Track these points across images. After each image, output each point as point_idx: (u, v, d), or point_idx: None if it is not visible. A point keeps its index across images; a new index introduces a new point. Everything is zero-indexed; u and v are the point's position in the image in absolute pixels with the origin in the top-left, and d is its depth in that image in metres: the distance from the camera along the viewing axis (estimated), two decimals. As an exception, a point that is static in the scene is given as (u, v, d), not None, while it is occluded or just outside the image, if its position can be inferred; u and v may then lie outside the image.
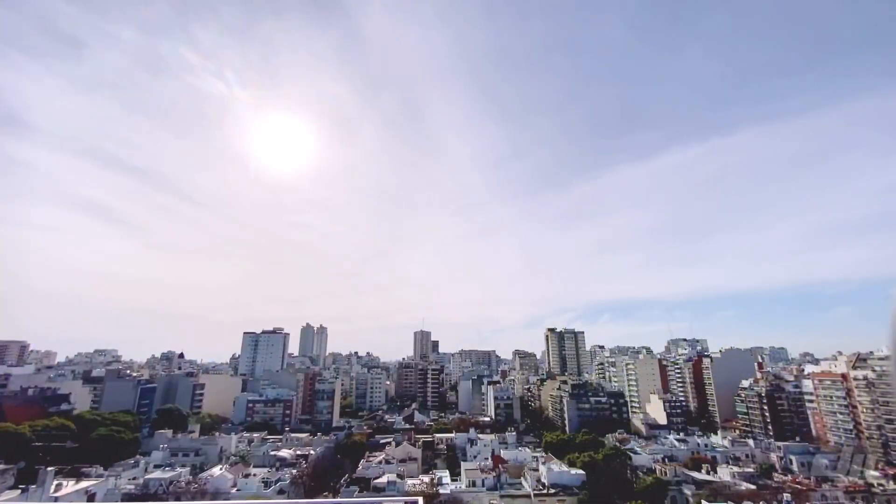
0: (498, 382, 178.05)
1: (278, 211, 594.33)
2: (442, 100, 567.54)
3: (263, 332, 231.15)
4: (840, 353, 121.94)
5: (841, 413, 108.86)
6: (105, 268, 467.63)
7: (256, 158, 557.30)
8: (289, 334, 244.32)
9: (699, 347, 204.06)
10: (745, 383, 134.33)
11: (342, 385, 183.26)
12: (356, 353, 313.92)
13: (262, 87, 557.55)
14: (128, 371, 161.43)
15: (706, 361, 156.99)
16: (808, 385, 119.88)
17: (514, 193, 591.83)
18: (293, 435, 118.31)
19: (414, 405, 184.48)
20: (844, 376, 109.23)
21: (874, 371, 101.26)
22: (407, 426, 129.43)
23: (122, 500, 63.26)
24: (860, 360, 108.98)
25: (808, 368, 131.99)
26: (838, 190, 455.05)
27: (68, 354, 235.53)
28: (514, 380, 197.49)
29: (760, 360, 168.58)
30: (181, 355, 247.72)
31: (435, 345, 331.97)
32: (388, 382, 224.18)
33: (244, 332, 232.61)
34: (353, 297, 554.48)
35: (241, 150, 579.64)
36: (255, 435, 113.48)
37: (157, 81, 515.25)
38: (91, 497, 58.53)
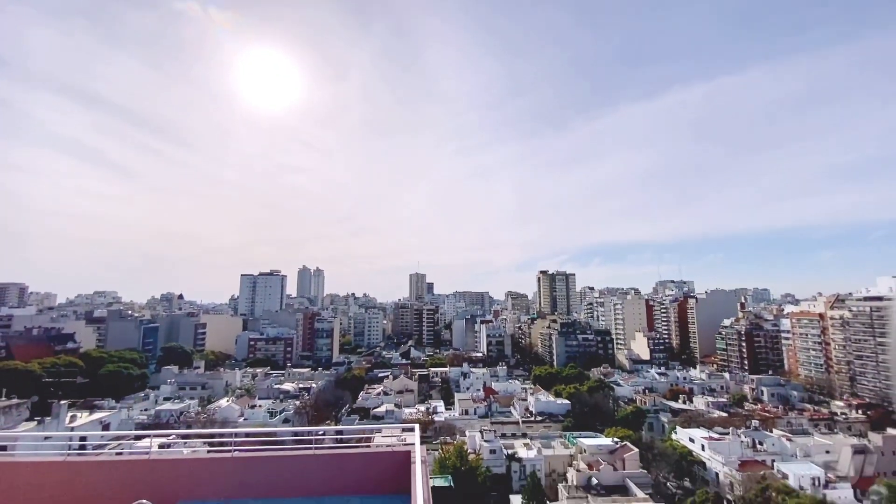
0: (490, 321, 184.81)
1: (269, 151, 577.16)
2: (438, 30, 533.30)
3: (261, 274, 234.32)
4: (820, 294, 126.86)
5: (814, 350, 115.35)
6: (95, 211, 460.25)
7: (241, 95, 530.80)
8: (286, 276, 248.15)
9: (686, 289, 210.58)
10: (727, 322, 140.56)
11: (340, 324, 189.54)
12: (353, 294, 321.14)
13: (242, 9, 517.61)
14: (129, 312, 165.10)
15: (691, 302, 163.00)
16: (786, 324, 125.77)
17: (511, 135, 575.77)
18: (295, 370, 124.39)
19: (410, 342, 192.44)
20: (821, 316, 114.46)
21: (850, 311, 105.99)
22: (403, 361, 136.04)
23: (136, 429, 67.72)
24: (838, 301, 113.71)
25: (788, 308, 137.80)
26: (836, 134, 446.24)
27: (68, 296, 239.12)
28: (506, 319, 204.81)
29: (743, 301, 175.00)
30: (181, 296, 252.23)
31: (430, 286, 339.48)
32: (384, 322, 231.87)
33: (242, 275, 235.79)
34: (348, 240, 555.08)
35: (226, 86, 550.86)
36: (258, 370, 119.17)
37: (132, 7, 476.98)
38: (106, 427, 62.38)
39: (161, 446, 13.56)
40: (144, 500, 6.30)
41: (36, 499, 7.26)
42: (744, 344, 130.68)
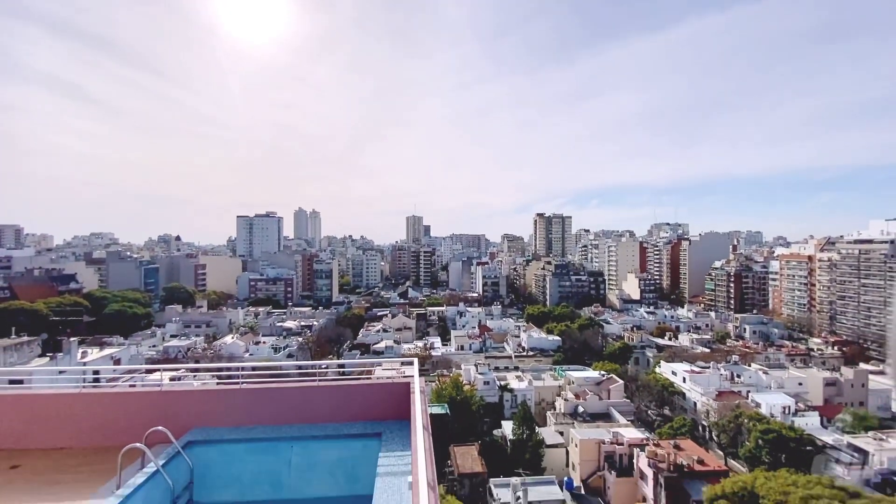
0: (486, 263, 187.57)
1: (259, 86, 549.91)
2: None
3: (257, 216, 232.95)
4: (811, 236, 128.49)
5: (799, 290, 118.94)
6: (87, 151, 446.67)
7: (230, 27, 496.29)
8: (282, 218, 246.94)
9: (680, 231, 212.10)
10: (718, 264, 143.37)
11: (339, 265, 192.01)
12: (350, 236, 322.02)
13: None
14: (128, 253, 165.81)
15: (684, 244, 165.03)
16: (775, 266, 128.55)
17: (513, 69, 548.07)
18: (296, 309, 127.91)
19: (408, 283, 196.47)
20: (810, 258, 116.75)
21: (839, 254, 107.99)
22: (402, 301, 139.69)
23: (146, 363, 70.78)
24: (829, 244, 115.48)
25: (779, 251, 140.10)
26: (851, 70, 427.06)
27: (65, 237, 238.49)
28: (501, 261, 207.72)
29: (735, 244, 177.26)
30: (178, 238, 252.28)
31: (427, 229, 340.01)
32: (382, 264, 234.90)
33: (238, 216, 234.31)
34: (344, 181, 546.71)
35: (213, 18, 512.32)
36: (260, 309, 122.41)
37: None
38: (117, 362, 65.09)
39: (172, 379, 14.32)
40: (160, 427, 6.75)
41: (54, 428, 7.79)
42: (732, 285, 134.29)
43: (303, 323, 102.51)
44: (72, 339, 60.24)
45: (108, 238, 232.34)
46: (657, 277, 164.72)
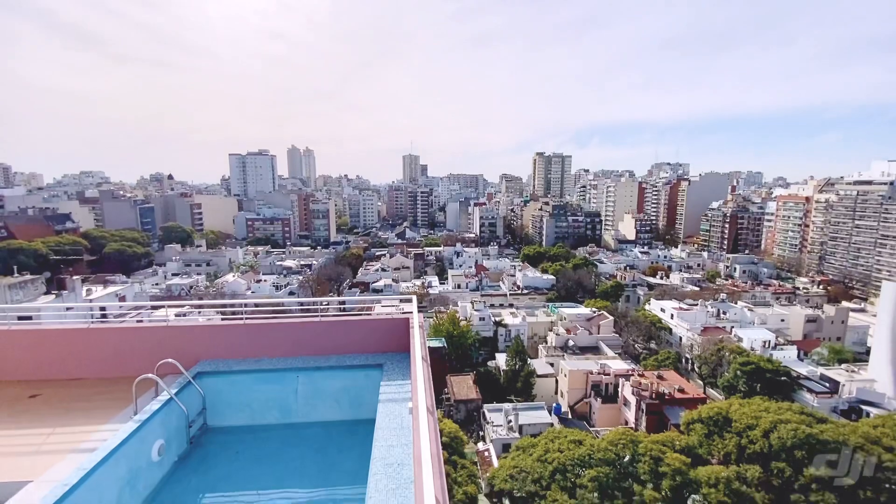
0: (484, 204, 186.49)
1: (246, 13, 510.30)
2: None
3: (249, 154, 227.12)
4: (812, 177, 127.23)
5: (793, 231, 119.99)
6: (70, 86, 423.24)
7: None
8: (275, 156, 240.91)
9: (681, 171, 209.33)
10: (715, 204, 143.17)
11: (335, 206, 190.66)
12: (346, 176, 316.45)
13: None
14: (121, 192, 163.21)
15: (683, 184, 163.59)
16: (771, 206, 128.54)
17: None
18: (295, 248, 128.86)
19: (405, 224, 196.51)
20: (808, 199, 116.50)
21: (837, 195, 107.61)
22: (399, 241, 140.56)
23: (151, 301, 72.38)
24: (828, 185, 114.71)
25: (777, 192, 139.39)
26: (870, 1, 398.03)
27: (55, 176, 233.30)
28: (499, 202, 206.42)
29: (734, 184, 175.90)
30: (170, 177, 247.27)
31: (423, 168, 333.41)
32: (379, 204, 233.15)
33: (230, 154, 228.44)
34: (337, 117, 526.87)
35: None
36: (258, 248, 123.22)
37: None
38: (122, 299, 66.60)
39: (177, 316, 14.77)
40: (170, 359, 7.10)
41: (68, 360, 8.17)
42: (727, 226, 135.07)
43: (302, 262, 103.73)
44: (74, 277, 61.14)
45: (99, 177, 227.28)
46: (654, 218, 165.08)
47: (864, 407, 38.29)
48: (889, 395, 39.02)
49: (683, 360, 55.24)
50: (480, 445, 34.98)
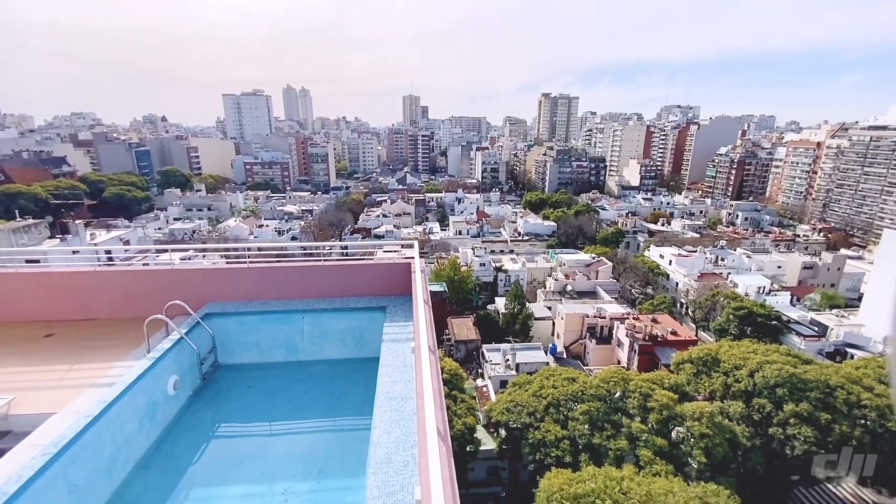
0: (486, 148, 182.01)
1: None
2: None
3: (243, 94, 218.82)
4: (826, 122, 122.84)
5: (800, 178, 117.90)
6: (57, 21, 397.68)
7: None
8: (270, 97, 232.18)
9: (691, 114, 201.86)
10: (723, 150, 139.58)
11: (334, 149, 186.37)
12: (344, 118, 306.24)
13: None
14: (114, 134, 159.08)
15: (693, 129, 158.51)
16: (781, 152, 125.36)
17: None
18: (295, 193, 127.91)
19: (406, 169, 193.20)
20: (819, 144, 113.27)
21: (850, 140, 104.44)
22: (400, 187, 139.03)
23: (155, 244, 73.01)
24: (842, 130, 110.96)
25: (789, 137, 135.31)
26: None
27: (45, 118, 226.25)
28: (502, 146, 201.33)
29: (745, 129, 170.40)
30: (164, 118, 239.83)
31: (424, 111, 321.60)
32: (379, 148, 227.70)
33: (223, 94, 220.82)
34: (333, 54, 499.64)
35: None
36: (258, 193, 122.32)
37: None
38: (126, 243, 67.17)
39: (182, 260, 14.98)
40: (178, 301, 7.31)
41: (79, 301, 8.41)
42: (733, 172, 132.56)
43: (303, 208, 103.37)
44: (76, 221, 61.24)
45: (91, 118, 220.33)
46: (659, 164, 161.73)
47: (849, 350, 39.75)
48: (875, 340, 40.33)
49: (678, 305, 56.58)
50: (479, 382, 36.85)
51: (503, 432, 26.91)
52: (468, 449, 25.65)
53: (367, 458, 4.19)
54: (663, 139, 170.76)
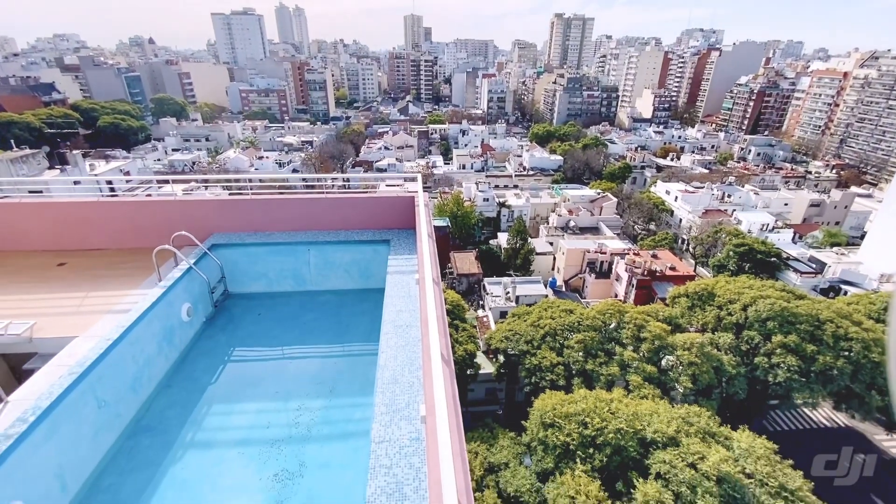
0: (493, 76, 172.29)
1: None
2: None
3: (234, 13, 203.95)
4: (856, 49, 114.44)
5: (820, 111, 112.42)
6: None
7: None
8: (262, 16, 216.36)
9: (713, 39, 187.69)
10: (743, 80, 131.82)
11: (332, 76, 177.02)
12: (342, 40, 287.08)
13: None
14: (101, 58, 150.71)
15: (714, 55, 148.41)
16: (804, 82, 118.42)
17: None
18: (294, 124, 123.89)
19: (408, 98, 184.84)
20: (846, 74, 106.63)
21: (878, 70, 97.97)
22: (402, 118, 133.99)
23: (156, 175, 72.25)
24: (872, 59, 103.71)
25: (815, 65, 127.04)
26: None
27: (28, 41, 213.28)
28: (510, 73, 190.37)
29: (770, 56, 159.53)
30: (151, 41, 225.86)
31: (427, 32, 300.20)
32: (380, 74, 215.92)
33: (212, 14, 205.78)
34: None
35: None
36: (256, 123, 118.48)
37: None
38: (126, 174, 66.44)
39: (184, 192, 14.91)
40: (183, 231, 7.40)
41: (87, 232, 8.50)
42: (751, 103, 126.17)
43: (302, 139, 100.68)
44: (74, 152, 60.08)
45: (75, 41, 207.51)
46: (675, 94, 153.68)
47: (844, 286, 40.46)
48: (871, 277, 40.88)
49: (680, 241, 56.79)
50: (480, 312, 38.23)
51: (501, 358, 28.43)
52: (468, 372, 27.28)
53: (375, 378, 4.48)
54: (681, 67, 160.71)
